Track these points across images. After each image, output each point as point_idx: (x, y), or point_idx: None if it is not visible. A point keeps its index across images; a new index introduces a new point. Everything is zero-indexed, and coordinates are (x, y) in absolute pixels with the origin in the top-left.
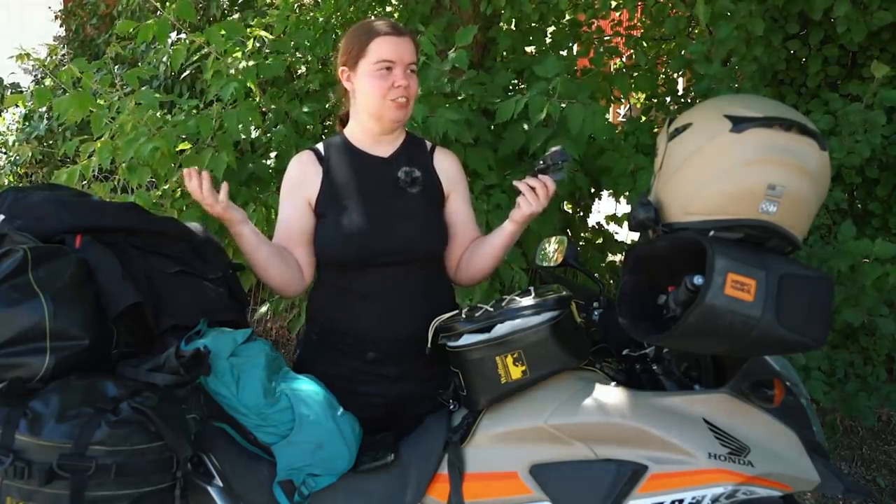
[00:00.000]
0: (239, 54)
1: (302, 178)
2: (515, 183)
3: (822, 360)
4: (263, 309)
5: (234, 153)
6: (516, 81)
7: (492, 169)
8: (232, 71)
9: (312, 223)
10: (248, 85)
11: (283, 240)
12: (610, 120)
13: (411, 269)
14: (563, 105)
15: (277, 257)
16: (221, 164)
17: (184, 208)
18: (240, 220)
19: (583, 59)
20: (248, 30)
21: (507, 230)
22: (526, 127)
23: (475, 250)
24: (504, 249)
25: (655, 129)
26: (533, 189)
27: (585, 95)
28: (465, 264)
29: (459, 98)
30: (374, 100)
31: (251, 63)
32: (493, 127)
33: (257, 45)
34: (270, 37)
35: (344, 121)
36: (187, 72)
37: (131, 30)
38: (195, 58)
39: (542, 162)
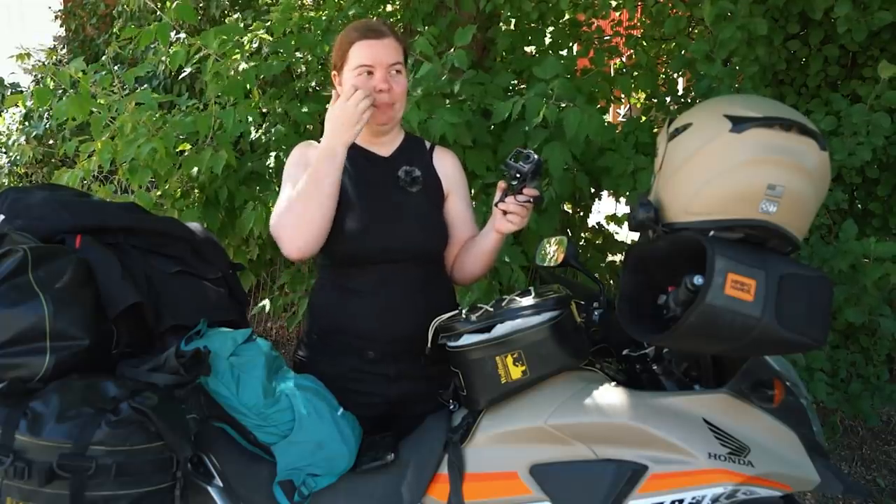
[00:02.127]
0: (238, 56)
1: (308, 162)
2: (500, 205)
3: (824, 361)
4: (262, 304)
5: (234, 152)
6: (516, 82)
7: (490, 170)
8: (231, 72)
9: None
10: (247, 86)
11: None
12: (610, 120)
13: (411, 268)
14: (562, 106)
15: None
16: (221, 162)
17: (184, 208)
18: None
19: (583, 60)
20: (249, 32)
21: (493, 237)
22: (526, 129)
23: (468, 251)
24: (493, 253)
25: (655, 130)
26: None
27: (583, 98)
28: (460, 264)
29: (460, 99)
30: None
31: (251, 65)
32: (492, 128)
33: (255, 45)
34: (270, 38)
35: None
36: (186, 72)
37: (133, 36)
38: (195, 59)
39: (517, 174)
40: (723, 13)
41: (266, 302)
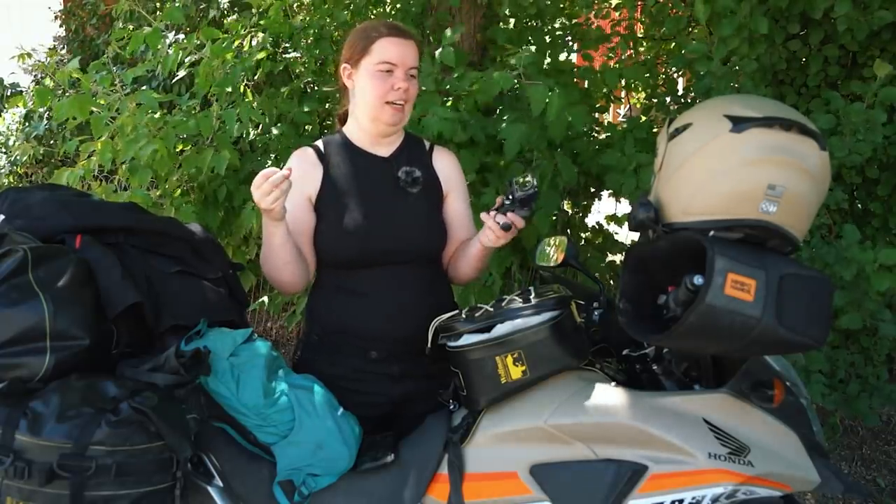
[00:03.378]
0: (229, 56)
1: (302, 175)
2: (483, 216)
3: (823, 362)
4: (259, 301)
5: (235, 152)
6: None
7: (490, 170)
8: (221, 72)
9: (314, 221)
10: (237, 85)
11: None
12: (610, 120)
13: (413, 268)
14: (525, 83)
15: (298, 254)
16: (223, 162)
17: (182, 205)
18: (283, 217)
19: (581, 59)
20: (240, 28)
21: (477, 246)
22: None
23: (463, 253)
24: (480, 261)
25: (655, 129)
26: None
27: (555, 82)
28: (454, 264)
29: (453, 98)
30: (372, 100)
31: (239, 63)
32: (486, 128)
33: (254, 43)
34: (262, 36)
35: (343, 119)
36: (184, 73)
37: (124, 37)
38: (192, 58)
39: (510, 196)
40: (723, 11)
41: (265, 298)
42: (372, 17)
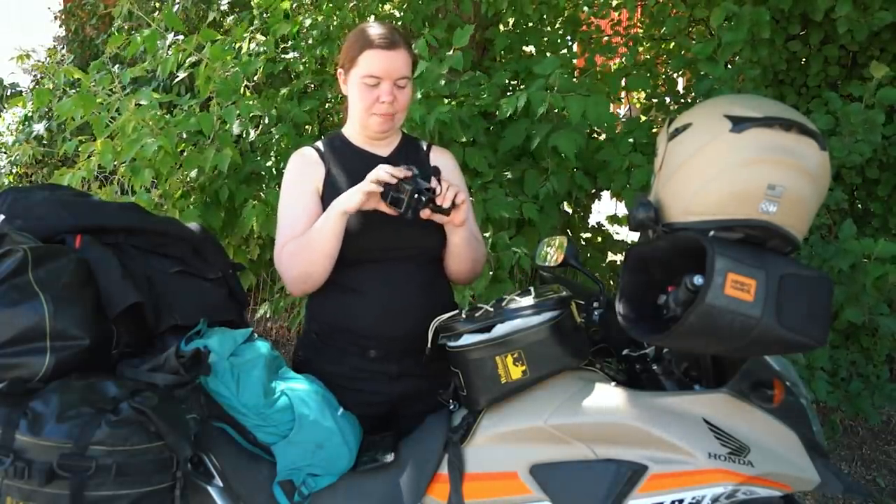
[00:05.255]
0: (229, 58)
1: (307, 171)
2: (425, 216)
3: (826, 360)
4: (262, 311)
5: (236, 150)
6: (516, 82)
7: (493, 167)
8: (223, 75)
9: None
10: (242, 86)
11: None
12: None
13: (413, 266)
14: (563, 96)
15: None
16: (225, 160)
17: (184, 208)
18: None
19: (581, 60)
20: (241, 32)
21: (451, 236)
22: (530, 123)
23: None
24: (462, 248)
25: (655, 129)
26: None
27: (583, 89)
28: (446, 262)
29: (459, 100)
30: (360, 110)
31: (240, 64)
32: (491, 127)
33: (253, 47)
34: (263, 38)
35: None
36: (181, 76)
37: (122, 42)
38: (191, 59)
39: (415, 183)
40: (728, 15)
41: (265, 308)
42: (375, 14)
